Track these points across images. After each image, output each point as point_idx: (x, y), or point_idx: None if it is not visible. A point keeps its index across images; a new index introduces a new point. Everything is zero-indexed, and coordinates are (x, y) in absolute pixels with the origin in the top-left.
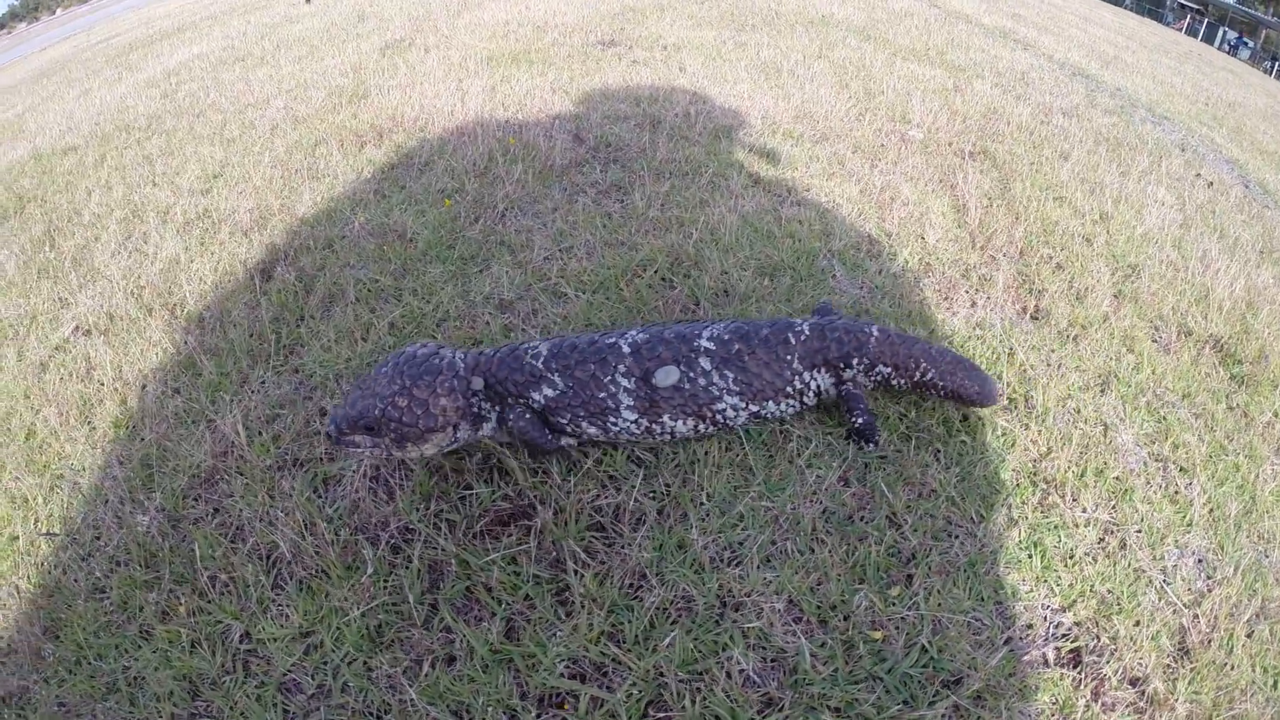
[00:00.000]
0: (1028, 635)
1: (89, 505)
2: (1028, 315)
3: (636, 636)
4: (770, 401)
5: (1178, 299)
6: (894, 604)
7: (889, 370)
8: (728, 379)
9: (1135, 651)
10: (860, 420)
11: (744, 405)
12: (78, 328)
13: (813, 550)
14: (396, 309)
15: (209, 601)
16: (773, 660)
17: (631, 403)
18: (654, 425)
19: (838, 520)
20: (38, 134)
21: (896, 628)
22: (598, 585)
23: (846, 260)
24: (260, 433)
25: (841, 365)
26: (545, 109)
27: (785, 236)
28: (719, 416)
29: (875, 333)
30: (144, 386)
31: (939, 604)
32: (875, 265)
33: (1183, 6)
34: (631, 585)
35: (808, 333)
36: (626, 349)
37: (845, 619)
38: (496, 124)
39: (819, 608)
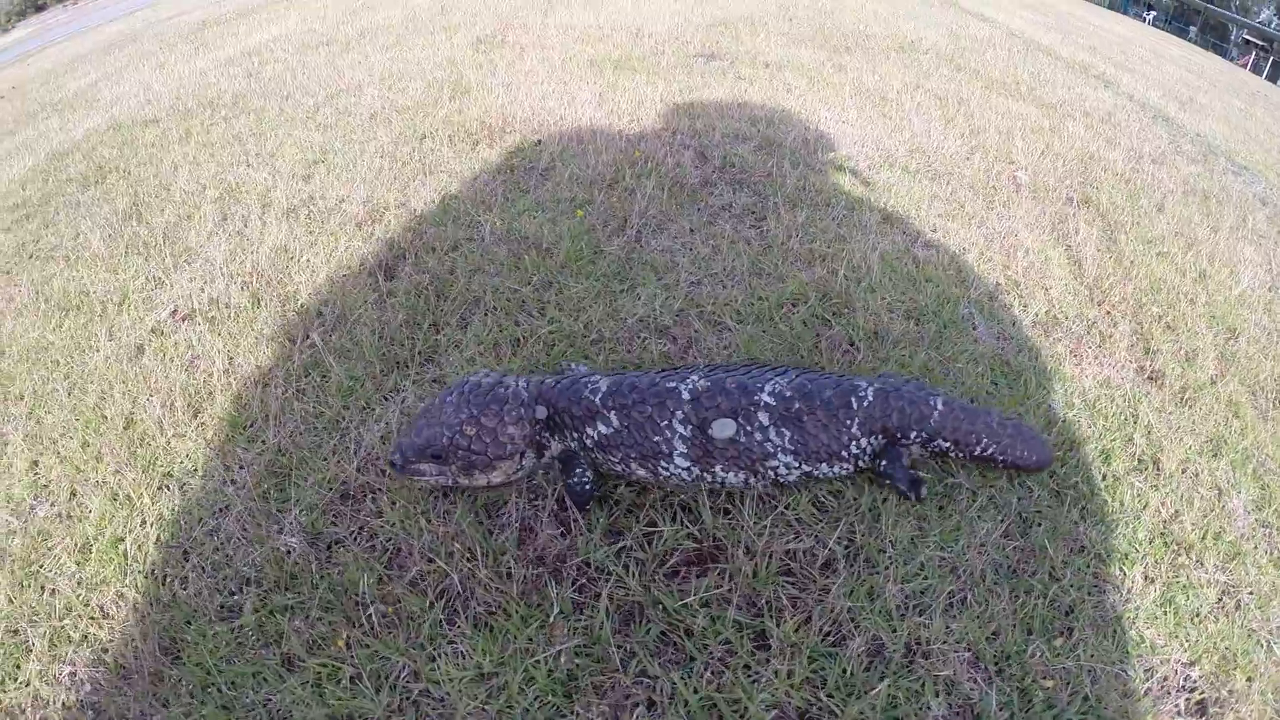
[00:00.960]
0: (1164, 686)
1: (209, 513)
2: (1145, 376)
3: (838, 683)
4: (824, 464)
5: (1274, 365)
6: (1059, 654)
7: (949, 445)
8: (784, 437)
9: (1249, 705)
10: (889, 470)
11: (797, 464)
12: (175, 311)
13: (987, 602)
14: (543, 323)
15: (368, 634)
16: (959, 708)
17: (685, 450)
18: (705, 474)
19: (1004, 572)
20: (114, 104)
21: (1061, 677)
22: (795, 631)
23: (984, 309)
24: None
25: (899, 435)
26: (660, 121)
27: (925, 280)
28: (771, 472)
29: (940, 406)
30: (263, 385)
31: (1092, 655)
32: (1008, 316)
33: (1248, 42)
34: (829, 632)
35: (871, 399)
36: (686, 395)
37: (1020, 668)
38: (612, 133)
39: (996, 657)
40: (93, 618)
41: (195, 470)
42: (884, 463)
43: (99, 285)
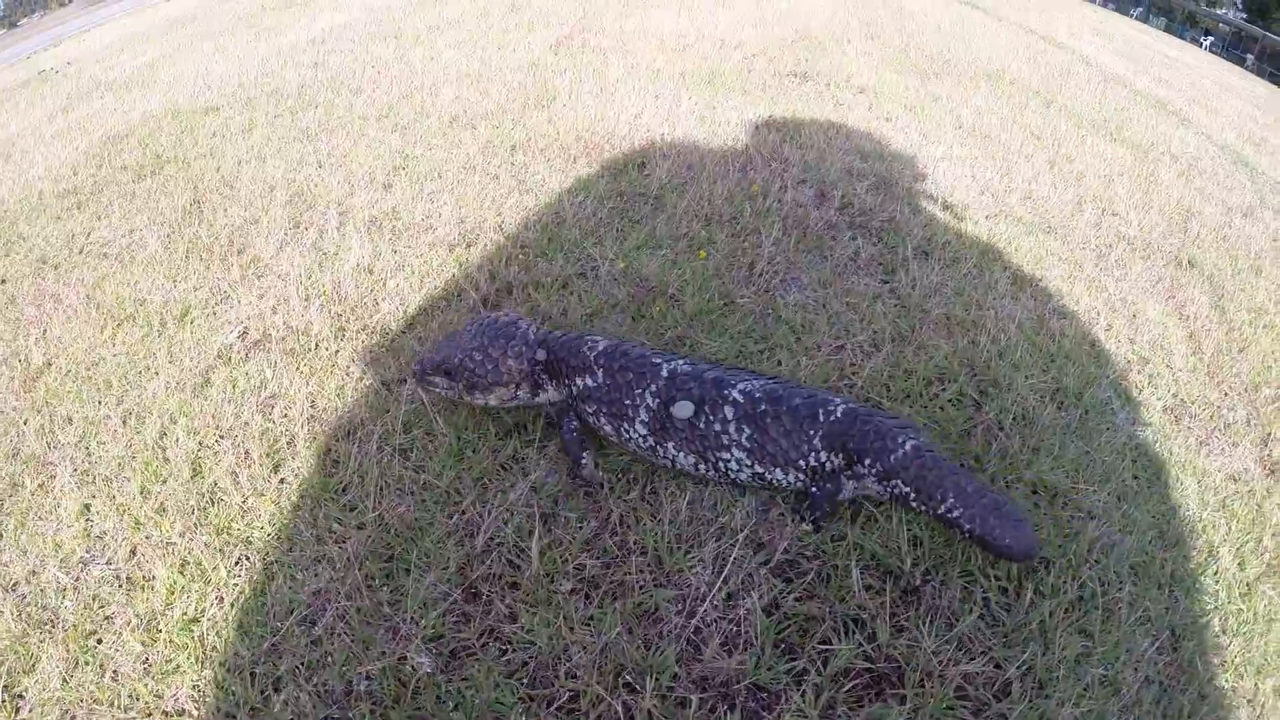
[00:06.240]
0: None
1: (301, 601)
2: (1265, 470)
3: None
4: (779, 470)
5: None
6: None
7: (909, 491)
8: (743, 433)
9: None
10: (815, 492)
11: (750, 463)
12: (245, 333)
13: None
14: None
15: None
16: None
17: (646, 419)
18: (659, 448)
19: (1158, 690)
20: (171, 86)
21: None
22: None
23: (1119, 390)
24: (542, 538)
25: (855, 459)
26: (768, 148)
27: (1064, 357)
28: (722, 464)
29: (908, 448)
30: (356, 439)
31: None
32: (1140, 397)
33: None
34: None
35: (839, 416)
36: (664, 373)
37: None
38: (720, 157)
39: None
40: (165, 713)
41: (281, 542)
42: (815, 486)
43: (157, 294)
